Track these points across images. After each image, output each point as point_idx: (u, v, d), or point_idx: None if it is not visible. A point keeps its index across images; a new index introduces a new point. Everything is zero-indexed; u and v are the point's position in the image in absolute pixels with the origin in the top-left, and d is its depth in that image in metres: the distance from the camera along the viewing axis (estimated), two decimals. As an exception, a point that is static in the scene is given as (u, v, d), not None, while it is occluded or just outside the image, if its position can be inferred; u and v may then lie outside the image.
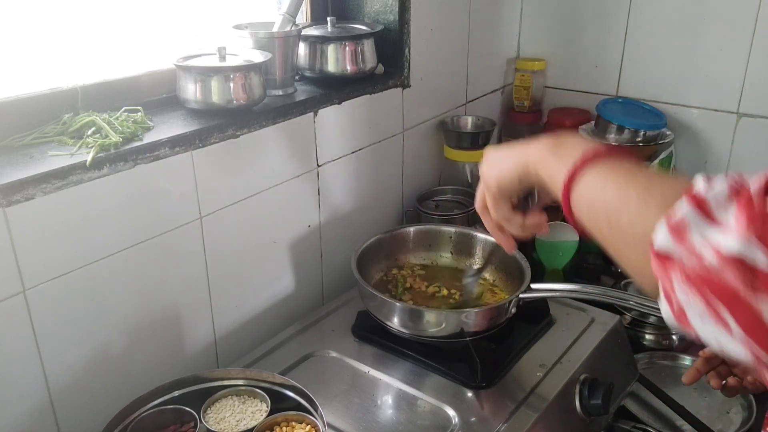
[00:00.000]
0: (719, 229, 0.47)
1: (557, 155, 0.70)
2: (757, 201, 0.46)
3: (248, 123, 1.03)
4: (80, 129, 0.89)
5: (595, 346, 1.07)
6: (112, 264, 0.89)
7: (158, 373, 0.98)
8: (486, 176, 0.80)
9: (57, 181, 0.80)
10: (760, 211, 0.45)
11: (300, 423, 0.85)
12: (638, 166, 0.62)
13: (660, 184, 0.57)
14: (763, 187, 0.47)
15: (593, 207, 0.63)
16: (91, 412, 0.91)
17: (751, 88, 1.45)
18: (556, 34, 1.71)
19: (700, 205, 0.49)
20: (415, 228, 1.25)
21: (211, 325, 1.07)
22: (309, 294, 1.26)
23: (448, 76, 1.52)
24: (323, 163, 1.21)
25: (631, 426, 1.13)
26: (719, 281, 0.46)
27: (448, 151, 1.49)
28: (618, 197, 0.59)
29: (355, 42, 1.23)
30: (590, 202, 0.63)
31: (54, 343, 0.85)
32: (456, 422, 0.91)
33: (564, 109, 1.71)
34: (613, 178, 0.61)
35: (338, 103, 1.20)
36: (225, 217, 1.04)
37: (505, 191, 0.78)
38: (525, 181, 0.76)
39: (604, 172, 0.63)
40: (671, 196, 0.53)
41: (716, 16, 1.45)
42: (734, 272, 0.45)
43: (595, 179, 0.63)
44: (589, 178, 0.64)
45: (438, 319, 1.00)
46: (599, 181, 0.63)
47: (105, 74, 0.99)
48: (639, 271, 0.56)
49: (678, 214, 0.50)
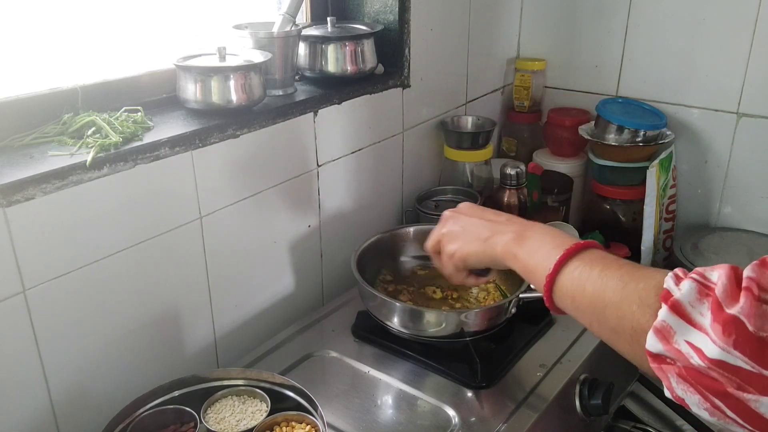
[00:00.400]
0: (700, 333, 0.52)
1: (527, 249, 0.75)
2: (724, 302, 0.51)
3: (248, 123, 1.03)
4: (80, 129, 0.89)
5: (595, 346, 1.07)
6: (112, 264, 0.89)
7: (158, 373, 0.98)
8: (450, 250, 0.85)
9: (57, 181, 0.80)
10: (729, 318, 0.50)
11: (300, 423, 0.85)
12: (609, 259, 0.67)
13: (633, 278, 0.62)
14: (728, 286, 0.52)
15: (576, 302, 0.68)
16: (91, 412, 0.91)
17: (751, 88, 1.45)
18: (556, 34, 1.71)
19: (677, 310, 0.54)
20: (415, 228, 1.25)
21: (211, 325, 1.07)
22: (309, 294, 1.26)
23: (448, 76, 1.52)
24: (323, 163, 1.21)
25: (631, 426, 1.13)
26: (709, 380, 0.51)
27: (448, 151, 1.49)
28: (599, 295, 0.64)
29: (355, 42, 1.23)
30: (572, 298, 0.68)
31: (54, 343, 0.85)
32: (456, 422, 0.91)
33: (564, 109, 1.71)
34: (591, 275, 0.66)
35: (338, 103, 1.20)
36: (225, 217, 1.04)
37: (469, 267, 0.86)
38: (491, 265, 0.83)
39: (580, 269, 0.68)
40: (646, 293, 0.59)
41: (716, 16, 1.45)
42: (719, 373, 0.50)
43: (573, 277, 0.68)
44: (567, 275, 0.69)
45: (438, 319, 1.00)
46: (577, 279, 0.68)
47: (105, 74, 0.99)
48: (635, 359, 0.61)
49: (660, 318, 0.55)
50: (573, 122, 1.63)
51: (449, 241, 0.86)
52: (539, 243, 0.74)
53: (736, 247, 1.43)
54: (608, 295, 0.63)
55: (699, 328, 0.52)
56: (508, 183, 1.36)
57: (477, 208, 0.88)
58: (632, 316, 0.59)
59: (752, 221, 1.52)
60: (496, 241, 0.79)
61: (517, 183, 1.36)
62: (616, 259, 0.67)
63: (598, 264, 0.67)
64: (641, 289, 0.60)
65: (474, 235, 0.82)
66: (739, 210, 1.54)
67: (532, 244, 0.75)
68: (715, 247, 1.43)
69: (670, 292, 0.55)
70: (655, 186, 1.46)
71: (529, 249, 0.75)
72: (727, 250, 1.42)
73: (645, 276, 0.61)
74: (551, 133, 1.69)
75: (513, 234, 0.78)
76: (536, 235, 0.76)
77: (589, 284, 0.66)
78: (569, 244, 0.70)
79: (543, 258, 0.71)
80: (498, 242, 0.79)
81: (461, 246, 0.84)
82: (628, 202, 1.54)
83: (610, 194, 1.55)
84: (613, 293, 0.62)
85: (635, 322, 0.59)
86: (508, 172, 1.36)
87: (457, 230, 0.85)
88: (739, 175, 1.51)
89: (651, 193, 1.47)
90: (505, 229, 0.79)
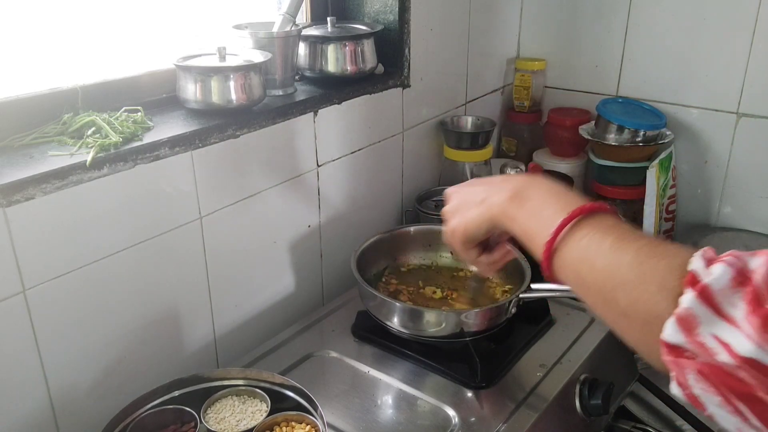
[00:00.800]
0: (730, 326, 0.46)
1: (526, 210, 0.66)
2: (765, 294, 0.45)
3: (248, 123, 1.03)
4: (80, 129, 0.89)
5: (595, 346, 1.07)
6: (112, 264, 0.89)
7: (158, 373, 0.98)
8: (451, 224, 0.77)
9: (57, 181, 0.80)
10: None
11: (300, 423, 0.85)
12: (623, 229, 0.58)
13: (653, 255, 0.53)
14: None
15: (581, 277, 0.59)
16: (91, 412, 0.91)
17: (751, 88, 1.45)
18: (556, 34, 1.71)
19: (705, 297, 0.48)
20: (415, 228, 1.25)
21: (211, 325, 1.07)
22: (309, 294, 1.26)
23: (448, 76, 1.52)
24: (323, 163, 1.21)
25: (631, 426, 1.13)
26: (735, 380, 0.45)
27: (447, 151, 1.49)
28: (610, 272, 0.56)
29: (355, 42, 1.23)
30: (577, 272, 0.60)
31: (54, 343, 0.85)
32: (456, 422, 0.91)
33: (564, 109, 1.71)
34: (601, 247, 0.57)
35: (338, 103, 1.20)
36: (225, 217, 1.04)
37: (471, 240, 0.76)
38: (492, 231, 0.73)
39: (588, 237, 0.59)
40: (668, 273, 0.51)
41: (716, 16, 1.45)
42: (750, 373, 0.45)
43: (580, 247, 0.59)
44: (572, 244, 0.60)
45: (438, 319, 1.00)
46: (584, 250, 0.58)
47: (105, 74, 0.99)
48: (643, 347, 0.54)
49: (684, 305, 0.48)
50: (573, 122, 1.63)
51: (451, 216, 0.77)
52: (540, 203, 0.65)
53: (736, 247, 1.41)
54: (621, 273, 0.54)
55: (730, 321, 0.46)
56: (508, 183, 1.36)
57: (482, 178, 0.78)
58: (648, 300, 0.51)
59: (752, 221, 1.52)
60: (492, 201, 0.70)
61: (517, 183, 1.36)
62: (631, 230, 0.58)
63: (610, 234, 0.57)
64: (662, 269, 0.52)
65: (470, 201, 0.73)
66: (739, 210, 1.54)
67: (532, 205, 0.65)
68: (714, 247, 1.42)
69: (696, 275, 0.49)
70: (655, 186, 1.46)
71: (529, 210, 0.65)
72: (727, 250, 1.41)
73: (667, 253, 0.53)
74: (551, 133, 1.69)
75: (509, 192, 0.68)
76: (537, 194, 0.66)
77: (599, 258, 0.56)
78: (575, 205, 0.61)
79: (545, 221, 0.62)
80: (494, 203, 0.69)
81: (460, 217, 0.75)
82: (628, 202, 1.54)
83: (610, 194, 1.55)
84: (628, 271, 0.53)
85: (651, 306, 0.51)
86: (508, 172, 1.36)
87: (456, 203, 0.77)
88: (739, 175, 1.51)
89: (651, 193, 1.47)
90: (500, 187, 0.70)
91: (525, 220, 0.66)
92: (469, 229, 0.74)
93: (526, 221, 0.66)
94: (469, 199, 0.74)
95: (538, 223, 0.63)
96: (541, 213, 0.64)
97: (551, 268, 0.62)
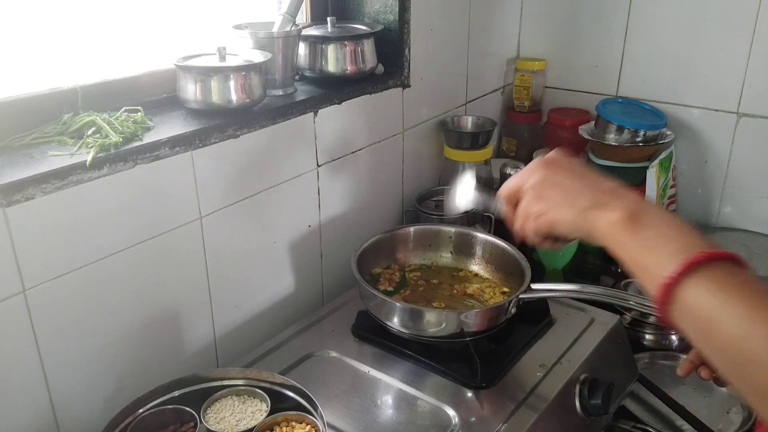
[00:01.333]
0: None
1: (640, 241, 0.59)
2: None
3: (248, 123, 1.03)
4: (80, 129, 0.89)
5: (595, 346, 1.07)
6: (112, 264, 0.89)
7: (158, 373, 0.98)
8: (535, 210, 0.69)
9: (57, 181, 0.80)
10: None
11: (300, 423, 0.85)
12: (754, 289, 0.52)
13: None
14: None
15: (706, 336, 0.53)
16: (91, 412, 0.91)
17: (751, 88, 1.45)
18: (556, 34, 1.71)
19: None
20: (415, 228, 1.25)
21: (210, 325, 1.07)
22: (309, 294, 1.26)
23: (448, 76, 1.52)
24: (323, 163, 1.21)
25: (631, 426, 1.13)
26: None
27: (448, 151, 1.49)
28: (741, 344, 0.49)
29: (355, 42, 1.23)
30: (700, 329, 0.53)
31: (54, 343, 0.85)
32: (456, 422, 0.91)
33: (564, 109, 1.71)
34: (729, 310, 0.51)
35: (338, 103, 1.20)
36: (225, 217, 1.04)
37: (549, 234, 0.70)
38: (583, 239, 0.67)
39: (714, 293, 0.52)
40: None
41: (716, 16, 1.45)
42: None
43: (704, 302, 0.52)
44: (695, 296, 0.53)
45: (438, 319, 1.00)
46: (710, 307, 0.52)
47: (105, 74, 0.99)
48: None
49: None
50: (573, 122, 1.63)
51: (536, 199, 0.69)
52: (657, 235, 0.58)
53: (736, 247, 1.43)
54: (756, 349, 0.48)
55: None
56: (508, 183, 1.36)
57: (574, 163, 0.70)
58: None
59: (752, 221, 1.52)
60: (598, 216, 0.63)
61: (517, 183, 1.36)
62: (764, 291, 0.51)
63: (739, 293, 0.51)
64: None
65: (569, 200, 0.66)
66: (739, 210, 1.54)
67: (647, 236, 0.59)
68: (715, 247, 1.43)
69: None
70: (655, 186, 1.46)
71: (644, 241, 0.59)
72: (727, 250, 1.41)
73: None
74: (551, 133, 1.69)
75: (622, 213, 0.61)
76: (654, 223, 0.60)
77: (727, 323, 0.50)
78: (699, 247, 0.55)
79: (663, 259, 0.56)
80: (600, 219, 0.63)
81: (550, 209, 0.67)
82: (628, 202, 1.54)
83: (610, 194, 1.55)
84: (764, 348, 0.47)
85: None
86: (508, 172, 1.36)
87: (548, 188, 0.68)
88: (739, 175, 1.51)
89: (651, 193, 1.47)
90: (612, 203, 0.63)
91: (638, 251, 0.60)
92: (557, 227, 0.68)
93: (638, 252, 0.60)
94: (569, 196, 0.67)
95: (654, 259, 0.57)
96: (657, 248, 0.58)
97: (667, 313, 0.56)
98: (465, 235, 1.22)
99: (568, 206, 0.66)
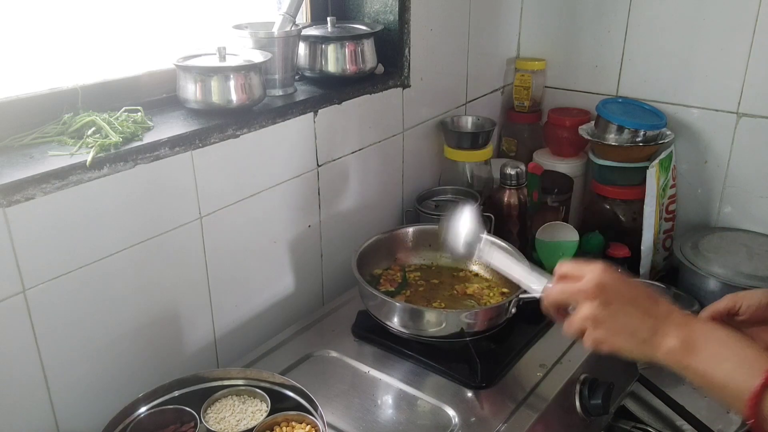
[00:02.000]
0: None
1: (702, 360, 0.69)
2: None
3: (248, 123, 1.03)
4: (80, 129, 0.89)
5: (595, 346, 1.07)
6: (112, 264, 0.89)
7: (158, 373, 0.98)
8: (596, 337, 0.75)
9: (57, 181, 0.80)
10: None
11: (300, 423, 0.85)
12: None
13: None
14: None
15: None
16: (91, 412, 0.91)
17: (751, 88, 1.45)
18: (556, 34, 1.71)
19: None
20: (415, 228, 1.25)
21: (211, 324, 1.07)
22: (309, 294, 1.26)
23: (448, 76, 1.52)
24: (323, 163, 1.21)
25: (631, 426, 1.13)
26: None
27: (448, 151, 1.49)
28: None
29: (355, 42, 1.23)
30: None
31: (54, 343, 0.85)
32: (456, 422, 0.91)
33: (564, 109, 1.71)
34: None
35: (338, 103, 1.20)
36: (225, 217, 1.04)
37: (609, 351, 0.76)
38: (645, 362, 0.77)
39: None
40: None
41: (716, 16, 1.45)
42: None
43: None
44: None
45: (438, 319, 1.00)
46: None
47: (105, 74, 0.99)
48: None
49: None
50: (573, 122, 1.63)
51: (595, 325, 0.75)
52: (716, 354, 0.69)
53: (736, 247, 1.43)
54: None
55: None
56: (508, 183, 1.36)
57: (627, 286, 0.76)
58: None
59: (752, 221, 1.52)
60: (658, 344, 0.72)
61: (517, 183, 1.36)
62: None
63: None
64: None
65: (629, 330, 0.73)
66: (739, 210, 1.54)
67: (707, 356, 0.69)
68: (715, 247, 1.43)
69: None
70: (655, 186, 1.46)
71: (705, 360, 0.69)
72: (727, 250, 1.42)
73: None
74: (551, 133, 1.69)
75: (679, 341, 0.71)
76: (710, 345, 0.70)
77: None
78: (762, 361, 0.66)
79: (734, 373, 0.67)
80: (660, 348, 0.72)
81: (611, 337, 0.74)
82: (628, 202, 1.54)
83: (610, 194, 1.55)
84: None
85: None
86: (508, 172, 1.36)
87: (606, 316, 0.74)
88: (739, 175, 1.51)
89: (651, 193, 1.47)
90: (667, 331, 0.72)
91: (708, 371, 0.69)
92: (618, 351, 0.75)
93: (710, 371, 0.69)
94: (628, 325, 0.74)
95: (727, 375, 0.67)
96: (724, 365, 0.68)
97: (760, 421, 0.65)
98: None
99: (628, 336, 0.73)
